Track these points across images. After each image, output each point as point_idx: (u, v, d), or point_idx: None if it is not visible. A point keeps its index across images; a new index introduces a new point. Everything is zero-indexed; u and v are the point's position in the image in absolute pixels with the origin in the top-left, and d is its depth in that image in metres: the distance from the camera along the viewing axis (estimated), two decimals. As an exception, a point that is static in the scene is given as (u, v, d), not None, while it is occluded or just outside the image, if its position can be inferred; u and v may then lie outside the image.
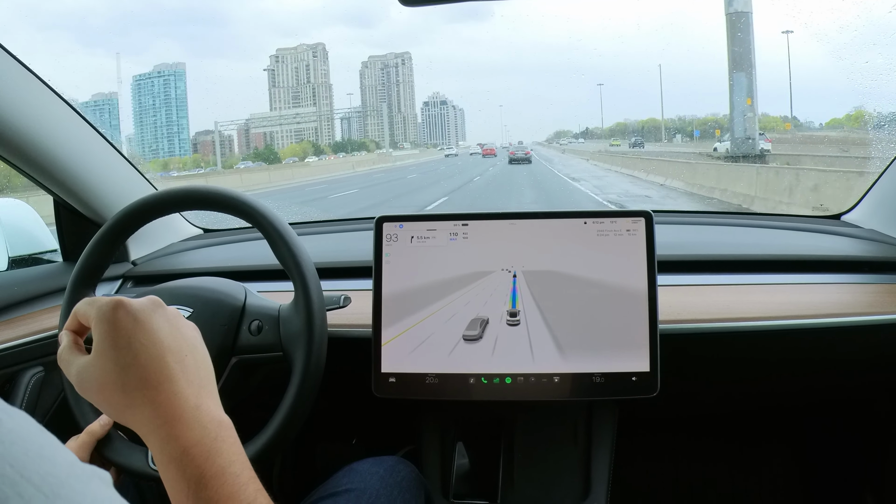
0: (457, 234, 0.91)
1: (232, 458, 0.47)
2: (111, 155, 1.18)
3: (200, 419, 0.48)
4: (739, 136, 12.65)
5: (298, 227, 1.28)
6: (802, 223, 1.28)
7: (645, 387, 0.86)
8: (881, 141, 1.31)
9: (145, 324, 0.50)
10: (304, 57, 53.11)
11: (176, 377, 0.49)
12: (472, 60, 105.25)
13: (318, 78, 52.29)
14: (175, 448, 0.46)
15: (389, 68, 59.50)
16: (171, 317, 0.53)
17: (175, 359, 0.50)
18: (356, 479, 0.81)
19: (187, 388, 0.49)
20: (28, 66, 0.97)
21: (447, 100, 61.52)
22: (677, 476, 1.45)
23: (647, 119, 36.86)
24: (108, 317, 0.49)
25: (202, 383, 0.51)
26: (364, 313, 0.92)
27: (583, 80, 75.67)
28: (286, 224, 0.84)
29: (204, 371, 0.53)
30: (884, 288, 1.03)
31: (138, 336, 0.49)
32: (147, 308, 0.51)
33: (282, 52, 55.75)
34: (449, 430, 1.05)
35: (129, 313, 0.50)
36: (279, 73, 53.84)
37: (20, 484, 0.25)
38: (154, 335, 0.50)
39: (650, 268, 0.88)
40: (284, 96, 52.65)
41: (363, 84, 60.37)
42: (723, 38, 15.96)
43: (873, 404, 1.23)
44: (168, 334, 0.51)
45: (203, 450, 0.46)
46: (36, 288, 1.13)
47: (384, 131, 55.35)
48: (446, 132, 60.85)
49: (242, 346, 0.83)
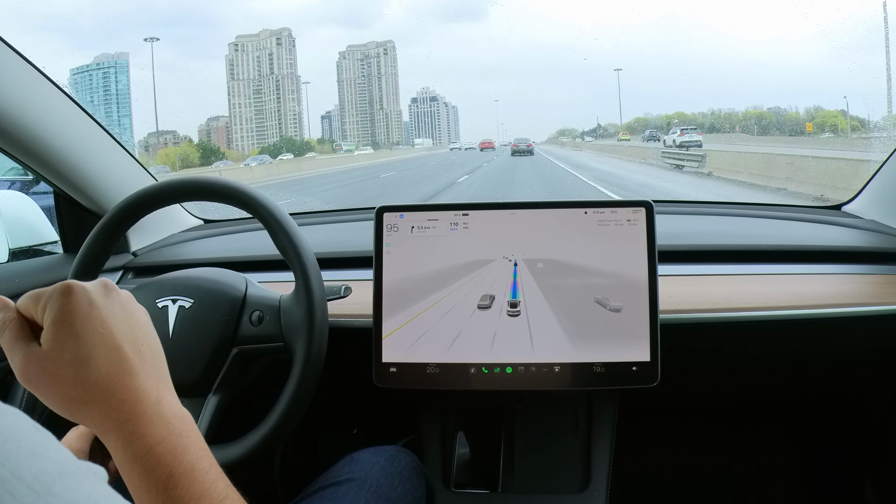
0: (457, 223, 0.91)
1: (199, 454, 0.45)
2: (111, 146, 1.18)
3: (163, 414, 0.45)
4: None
5: (299, 218, 1.28)
6: (803, 213, 1.28)
7: (645, 376, 0.86)
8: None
9: (101, 310, 0.46)
10: (266, 45, 46.09)
11: (135, 370, 0.45)
12: (467, 61, 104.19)
13: (282, 69, 45.63)
14: (140, 446, 0.43)
15: (370, 59, 52.31)
16: (124, 301, 0.49)
17: (132, 349, 0.46)
18: (357, 469, 0.81)
19: (147, 382, 0.46)
20: (27, 57, 0.96)
21: (438, 95, 53.65)
22: (678, 463, 1.46)
23: (674, 113, 32.77)
24: (61, 304, 0.45)
25: (159, 375, 0.48)
26: (365, 303, 0.92)
27: (587, 76, 74.39)
28: (287, 214, 0.84)
29: (159, 361, 0.49)
30: (884, 278, 1.03)
31: (94, 325, 0.45)
32: (100, 292, 0.47)
33: (242, 39, 47.95)
34: (449, 419, 1.06)
35: (83, 298, 0.45)
36: (238, 64, 46.67)
37: (11, 482, 0.25)
38: (110, 323, 0.46)
39: (651, 257, 0.88)
40: (244, 90, 45.71)
41: (340, 77, 52.72)
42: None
43: (873, 393, 1.24)
44: (124, 322, 0.47)
45: (169, 447, 0.44)
46: (36, 280, 1.13)
47: (373, 129, 49.55)
48: (437, 131, 54.33)
49: (243, 337, 0.84)
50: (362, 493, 0.77)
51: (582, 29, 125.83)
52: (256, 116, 44.52)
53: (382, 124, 52.29)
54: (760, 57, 58.31)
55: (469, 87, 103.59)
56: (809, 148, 10.07)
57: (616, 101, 49.48)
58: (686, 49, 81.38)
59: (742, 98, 64.72)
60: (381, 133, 51.59)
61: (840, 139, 11.95)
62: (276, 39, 45.88)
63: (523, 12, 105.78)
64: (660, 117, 31.41)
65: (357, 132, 50.66)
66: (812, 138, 14.23)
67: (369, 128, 53.05)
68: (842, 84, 11.59)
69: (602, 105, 63.94)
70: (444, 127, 54.85)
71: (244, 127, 43.53)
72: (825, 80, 16.39)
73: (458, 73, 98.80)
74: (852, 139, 10.40)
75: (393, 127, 52.54)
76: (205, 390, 0.83)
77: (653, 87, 61.85)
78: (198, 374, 0.83)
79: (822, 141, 12.82)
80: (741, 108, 27.06)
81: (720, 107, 33.97)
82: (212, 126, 40.87)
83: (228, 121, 43.69)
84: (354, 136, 48.91)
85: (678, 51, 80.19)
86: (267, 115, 45.15)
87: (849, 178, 5.20)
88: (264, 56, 45.61)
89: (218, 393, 0.83)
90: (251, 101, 45.30)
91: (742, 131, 20.08)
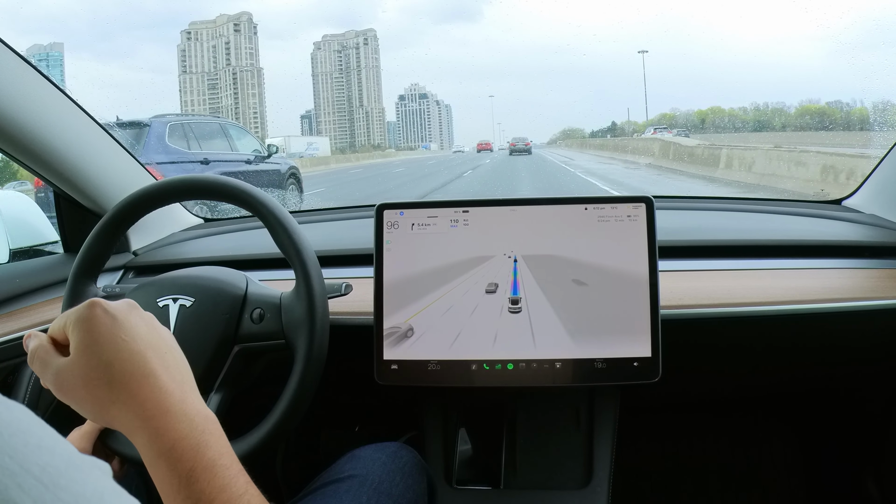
0: (457, 220, 0.91)
1: (221, 451, 0.47)
2: (110, 145, 1.18)
3: (187, 412, 0.48)
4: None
5: (299, 216, 1.28)
6: (803, 208, 1.28)
7: (647, 372, 0.86)
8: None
9: (124, 322, 0.50)
10: (223, 32, 38.55)
11: (158, 372, 0.49)
12: (464, 62, 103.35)
13: (241, 59, 38.59)
14: (164, 442, 0.46)
15: (348, 50, 45.16)
16: (146, 318, 0.53)
17: (156, 354, 0.50)
18: (359, 466, 0.82)
19: (171, 383, 0.49)
20: (25, 57, 0.96)
21: (428, 93, 48.23)
22: (680, 459, 1.46)
23: (708, 108, 29.08)
24: (86, 315, 0.49)
25: (184, 379, 0.51)
26: (366, 300, 0.92)
27: (586, 76, 73.10)
28: (287, 212, 0.84)
29: (184, 368, 0.53)
30: (884, 273, 1.03)
31: (118, 333, 0.49)
32: (124, 308, 0.51)
33: (196, 26, 39.55)
34: (451, 416, 1.06)
35: (106, 312, 0.50)
36: (191, 55, 39.01)
37: (20, 475, 0.25)
38: (133, 331, 0.50)
39: (651, 253, 0.88)
40: (198, 85, 38.83)
41: (315, 71, 44.95)
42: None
43: (874, 387, 1.24)
44: (146, 332, 0.51)
45: (192, 443, 0.46)
46: (37, 280, 1.14)
47: (352, 129, 43.59)
48: (427, 132, 47.90)
49: (244, 335, 0.84)
50: (364, 490, 0.77)
51: (581, 26, 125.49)
52: (212, 115, 38.70)
53: (362, 124, 44.40)
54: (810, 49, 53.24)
55: (466, 88, 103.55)
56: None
57: (623, 102, 43.57)
58: (715, 37, 77.93)
59: (790, 91, 56.23)
60: (360, 134, 45.16)
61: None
62: (233, 26, 38.58)
63: (518, 12, 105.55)
64: (691, 113, 28.06)
65: (334, 133, 45.05)
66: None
67: (347, 128, 46.87)
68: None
69: (606, 105, 62.32)
70: (435, 128, 48.09)
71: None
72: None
73: (455, 73, 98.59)
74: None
75: (375, 127, 44.62)
76: (207, 389, 0.83)
77: (680, 79, 58.48)
78: (199, 373, 0.82)
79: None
80: (794, 101, 23.80)
81: (766, 101, 30.22)
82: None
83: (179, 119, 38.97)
84: (331, 137, 43.05)
85: (704, 41, 77.54)
86: (224, 112, 38.19)
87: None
88: (220, 45, 38.55)
89: (220, 391, 0.83)
90: (206, 97, 38.53)
91: (795, 129, 15.72)
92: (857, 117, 14.94)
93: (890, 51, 10.89)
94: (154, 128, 5.52)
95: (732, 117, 23.53)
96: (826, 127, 16.32)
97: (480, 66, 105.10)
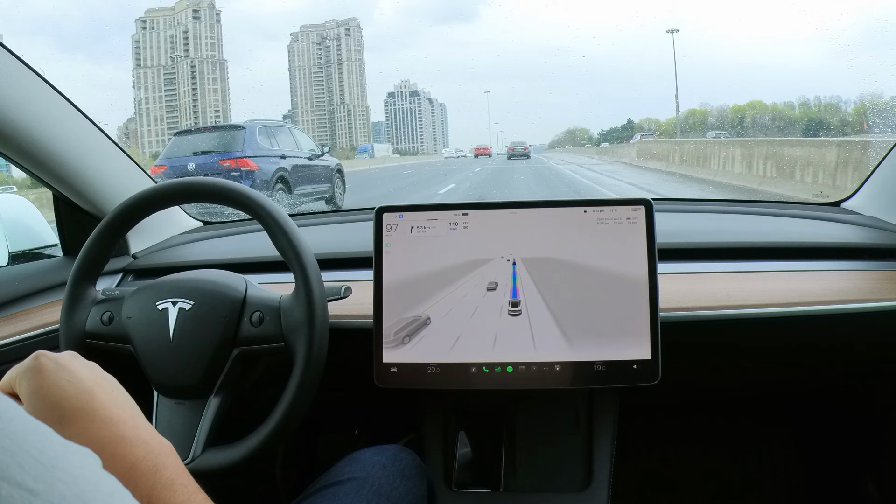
0: (457, 223, 0.91)
1: (178, 471, 0.49)
2: (110, 148, 1.18)
3: (141, 437, 0.49)
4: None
5: (298, 219, 1.28)
6: (802, 210, 1.28)
7: (646, 374, 0.86)
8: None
9: (67, 366, 0.51)
10: (181, 19, 33.09)
11: (108, 405, 0.50)
12: (462, 63, 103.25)
13: (200, 50, 32.76)
14: (122, 466, 0.47)
15: (329, 41, 38.63)
16: (89, 365, 0.54)
17: (102, 391, 0.51)
18: (358, 468, 0.81)
19: (122, 413, 0.50)
20: (24, 60, 0.96)
21: (420, 90, 40.62)
22: (679, 461, 1.46)
23: (746, 103, 24.30)
24: (31, 364, 0.50)
25: (134, 413, 0.52)
26: (365, 303, 0.92)
27: (588, 75, 72.21)
28: (286, 215, 0.84)
29: (132, 404, 0.53)
30: (884, 275, 1.03)
31: (62, 375, 0.50)
32: (66, 356, 0.52)
33: (152, 14, 33.82)
34: (451, 419, 1.06)
35: (49, 359, 0.51)
36: (146, 46, 33.49)
37: (20, 455, 0.26)
38: (77, 374, 0.51)
39: (650, 256, 0.88)
40: (154, 80, 33.17)
41: (292, 65, 38.31)
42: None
43: (873, 390, 1.24)
44: (90, 375, 0.52)
45: (150, 465, 0.47)
46: (37, 283, 1.14)
47: (332, 130, 33.62)
48: (420, 134, 40.73)
49: (244, 338, 0.84)
50: (364, 493, 0.77)
51: (580, 28, 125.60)
52: (169, 114, 32.88)
53: (344, 123, 38.28)
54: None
55: (464, 91, 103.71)
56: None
57: (629, 103, 36.20)
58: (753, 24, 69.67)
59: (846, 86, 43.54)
60: (342, 135, 37.22)
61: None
62: (192, 12, 33.52)
63: (516, 14, 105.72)
64: (726, 109, 22.61)
65: (313, 133, 36.24)
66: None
67: (328, 128, 37.91)
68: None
69: (609, 105, 60.44)
70: (428, 128, 41.54)
71: (154, 129, 31.36)
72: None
73: (452, 74, 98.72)
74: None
75: (358, 127, 38.39)
76: (206, 392, 0.83)
77: (704, 76, 51.70)
78: (199, 376, 0.83)
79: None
80: (851, 96, 19.25)
81: (821, 94, 24.60)
82: (129, 129, 30.64)
83: (134, 121, 31.68)
84: (310, 137, 37.84)
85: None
86: (181, 110, 33.44)
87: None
88: (178, 34, 33.50)
89: (219, 394, 0.83)
90: (162, 94, 33.55)
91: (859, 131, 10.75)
92: (833, 115, 12.56)
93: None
94: (249, 129, 6.93)
95: (776, 114, 20.53)
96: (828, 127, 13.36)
97: (478, 67, 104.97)
